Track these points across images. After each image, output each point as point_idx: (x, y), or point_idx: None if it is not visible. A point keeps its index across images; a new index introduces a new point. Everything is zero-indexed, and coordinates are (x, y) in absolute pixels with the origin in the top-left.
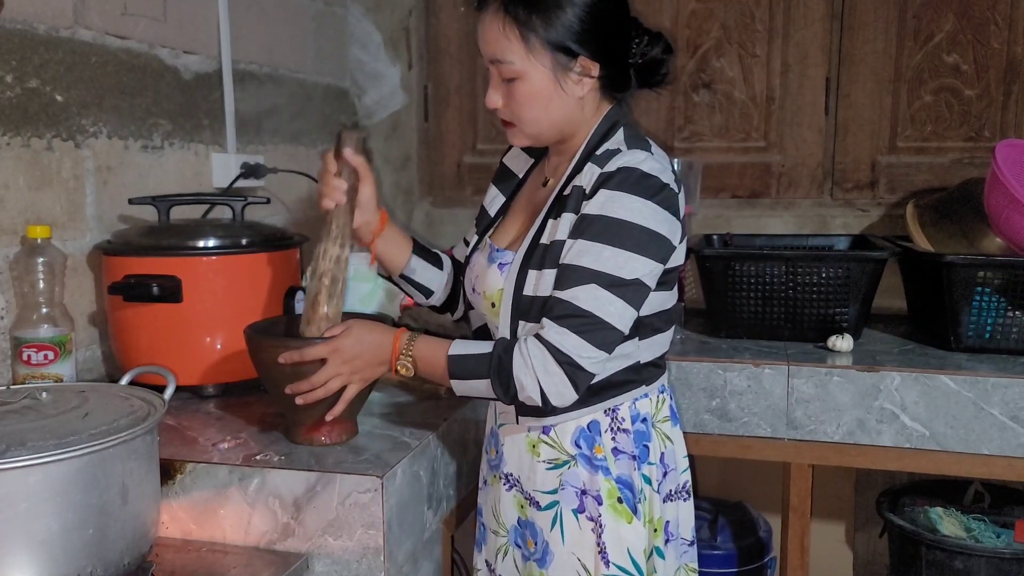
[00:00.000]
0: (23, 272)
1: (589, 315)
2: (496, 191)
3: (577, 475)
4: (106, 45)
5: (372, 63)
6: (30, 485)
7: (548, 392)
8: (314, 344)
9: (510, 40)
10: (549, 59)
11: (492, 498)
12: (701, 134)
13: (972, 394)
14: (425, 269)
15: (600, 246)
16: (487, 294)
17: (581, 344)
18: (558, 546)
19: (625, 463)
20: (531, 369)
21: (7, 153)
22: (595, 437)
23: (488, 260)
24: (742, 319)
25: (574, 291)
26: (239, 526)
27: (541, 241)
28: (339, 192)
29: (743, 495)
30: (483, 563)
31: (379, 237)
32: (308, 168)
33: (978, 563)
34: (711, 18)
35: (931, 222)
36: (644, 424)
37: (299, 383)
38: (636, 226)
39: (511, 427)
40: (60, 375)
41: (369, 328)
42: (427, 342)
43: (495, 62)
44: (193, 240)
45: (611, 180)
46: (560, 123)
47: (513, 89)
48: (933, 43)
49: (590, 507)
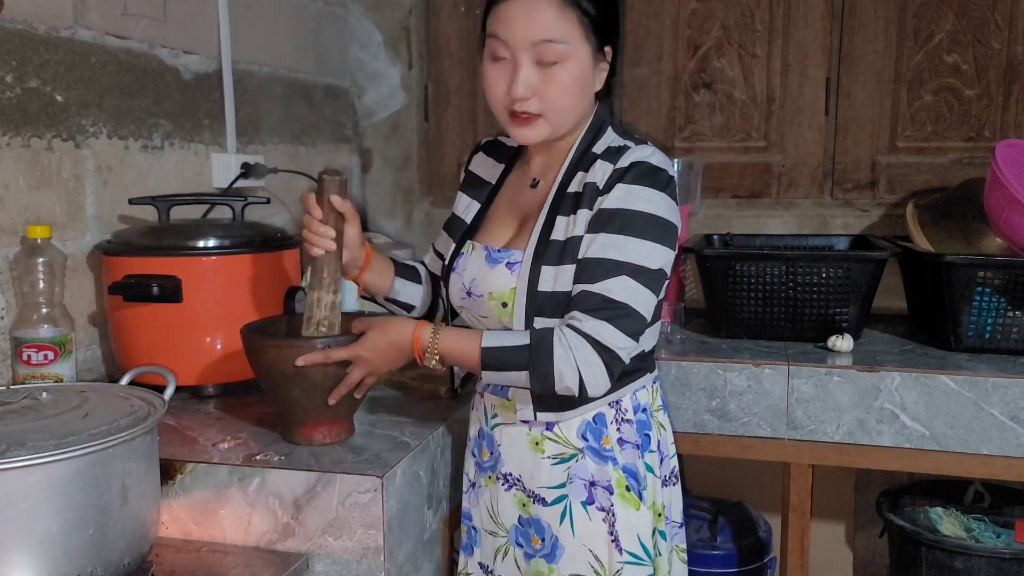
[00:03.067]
0: (23, 272)
1: (623, 305)
2: (469, 198)
3: (585, 467)
4: (106, 45)
5: (372, 63)
6: (30, 485)
7: (587, 382)
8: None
9: (569, 19)
10: (594, 43)
11: (486, 500)
12: (701, 134)
13: (972, 394)
14: (406, 287)
15: (624, 238)
16: (494, 294)
17: (618, 335)
18: (568, 539)
19: (630, 452)
20: (572, 360)
21: (7, 153)
22: (602, 429)
23: (489, 261)
24: (742, 319)
25: (606, 283)
26: (239, 526)
27: (553, 238)
28: (327, 240)
29: (743, 495)
30: (476, 566)
31: (366, 271)
32: (308, 168)
33: (978, 563)
34: (711, 18)
35: (931, 222)
36: (644, 414)
37: (338, 389)
38: (655, 217)
39: (509, 427)
40: (60, 375)
41: (382, 331)
42: (452, 336)
43: (544, 42)
44: (193, 240)
45: (627, 175)
46: (579, 115)
47: (553, 74)
48: (933, 43)
49: (600, 498)
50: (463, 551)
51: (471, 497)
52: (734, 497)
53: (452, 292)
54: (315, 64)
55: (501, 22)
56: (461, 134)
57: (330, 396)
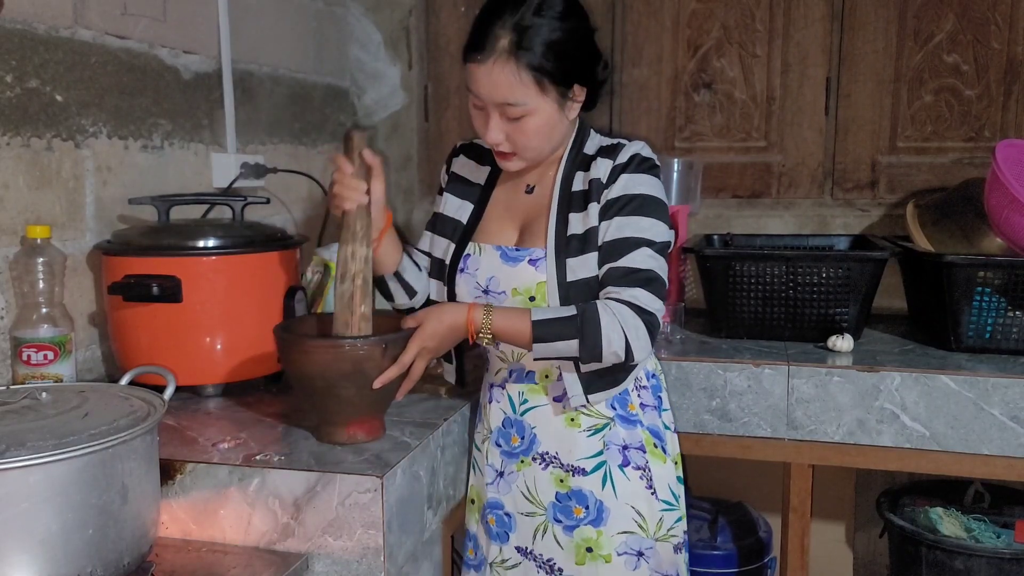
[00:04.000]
0: (23, 272)
1: (648, 271)
2: (459, 199)
3: (617, 433)
4: (106, 45)
5: (372, 63)
6: (30, 485)
7: (633, 346)
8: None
9: (525, 84)
10: (555, 92)
11: (519, 484)
12: (702, 134)
13: (972, 394)
14: (413, 269)
15: (637, 218)
16: (519, 289)
17: (652, 298)
18: (612, 502)
19: (651, 414)
20: (619, 326)
21: (7, 153)
22: (626, 397)
23: (507, 260)
24: (742, 319)
25: (630, 256)
26: (239, 526)
27: (571, 233)
28: (359, 193)
29: (743, 495)
30: (512, 551)
31: (384, 236)
32: (308, 168)
33: (978, 563)
34: (711, 18)
35: (931, 222)
36: (655, 379)
37: (388, 372)
38: (655, 198)
39: (543, 408)
40: (60, 375)
41: (439, 317)
42: (504, 315)
43: (505, 105)
44: (193, 240)
45: (628, 166)
46: (556, 144)
47: (521, 125)
48: (933, 43)
49: (635, 458)
50: (495, 540)
51: (499, 486)
52: (734, 497)
53: (462, 291)
54: (315, 64)
55: (471, 81)
56: (461, 134)
57: (376, 381)
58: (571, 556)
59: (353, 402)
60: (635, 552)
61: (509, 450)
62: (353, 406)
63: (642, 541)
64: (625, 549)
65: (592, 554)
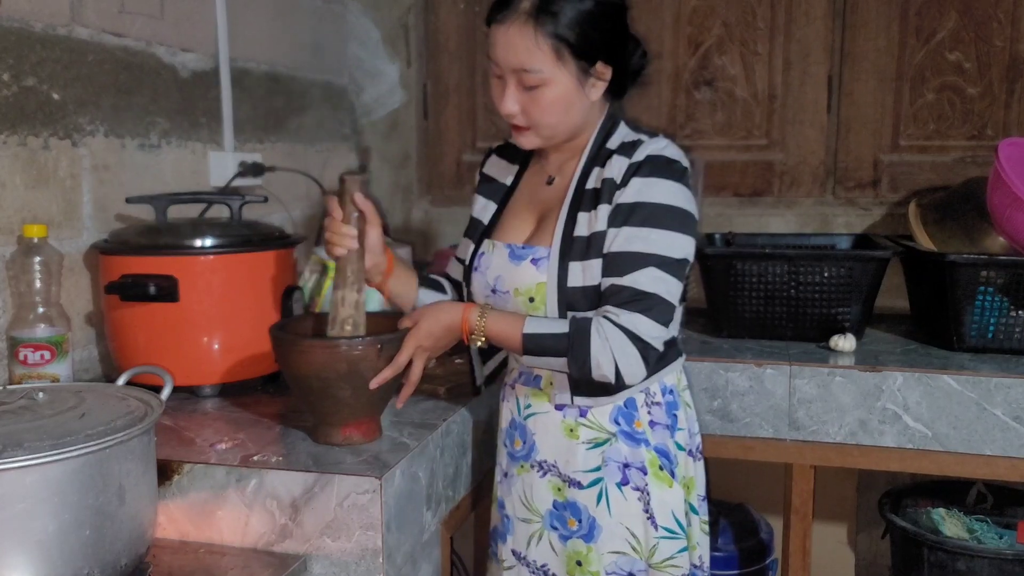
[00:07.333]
0: (19, 272)
1: (652, 296)
2: (485, 200)
3: (619, 450)
4: (103, 43)
5: (371, 60)
6: (27, 486)
7: (624, 372)
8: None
9: (542, 50)
10: (575, 66)
11: (519, 489)
12: (703, 132)
13: (975, 394)
14: (431, 297)
15: (647, 230)
16: (520, 290)
17: (652, 325)
18: (605, 519)
19: (660, 433)
20: (609, 350)
21: (3, 152)
22: (633, 413)
23: (513, 258)
24: (744, 319)
25: (634, 276)
26: (236, 527)
27: (577, 234)
28: (350, 239)
29: (744, 496)
30: (509, 553)
31: (390, 277)
32: (306, 166)
33: (981, 564)
34: (713, 15)
35: (933, 221)
36: (672, 395)
37: (384, 372)
38: (674, 208)
39: (543, 416)
40: (57, 375)
41: (435, 317)
42: (498, 319)
43: (521, 71)
44: (190, 239)
45: (643, 168)
46: (575, 125)
47: (536, 95)
48: (935, 41)
49: (635, 478)
50: (498, 538)
51: (504, 487)
52: (736, 499)
53: (476, 290)
54: (313, 62)
55: (491, 45)
56: (460, 132)
57: (372, 381)
58: (563, 566)
59: (349, 403)
60: (625, 573)
61: (512, 452)
62: (349, 407)
63: (634, 563)
64: (615, 569)
65: (582, 568)
